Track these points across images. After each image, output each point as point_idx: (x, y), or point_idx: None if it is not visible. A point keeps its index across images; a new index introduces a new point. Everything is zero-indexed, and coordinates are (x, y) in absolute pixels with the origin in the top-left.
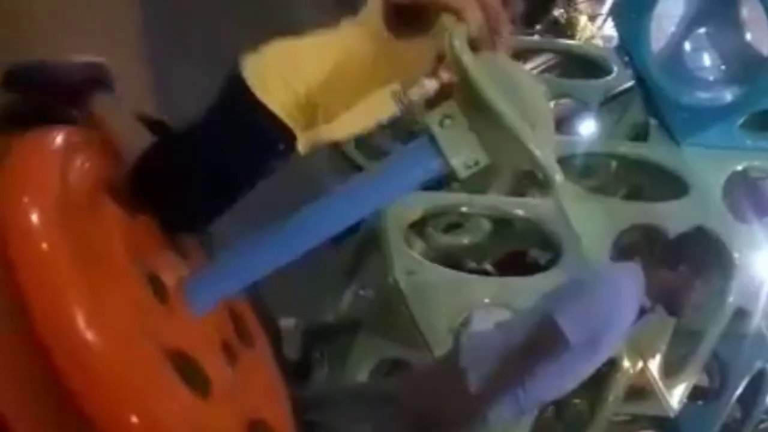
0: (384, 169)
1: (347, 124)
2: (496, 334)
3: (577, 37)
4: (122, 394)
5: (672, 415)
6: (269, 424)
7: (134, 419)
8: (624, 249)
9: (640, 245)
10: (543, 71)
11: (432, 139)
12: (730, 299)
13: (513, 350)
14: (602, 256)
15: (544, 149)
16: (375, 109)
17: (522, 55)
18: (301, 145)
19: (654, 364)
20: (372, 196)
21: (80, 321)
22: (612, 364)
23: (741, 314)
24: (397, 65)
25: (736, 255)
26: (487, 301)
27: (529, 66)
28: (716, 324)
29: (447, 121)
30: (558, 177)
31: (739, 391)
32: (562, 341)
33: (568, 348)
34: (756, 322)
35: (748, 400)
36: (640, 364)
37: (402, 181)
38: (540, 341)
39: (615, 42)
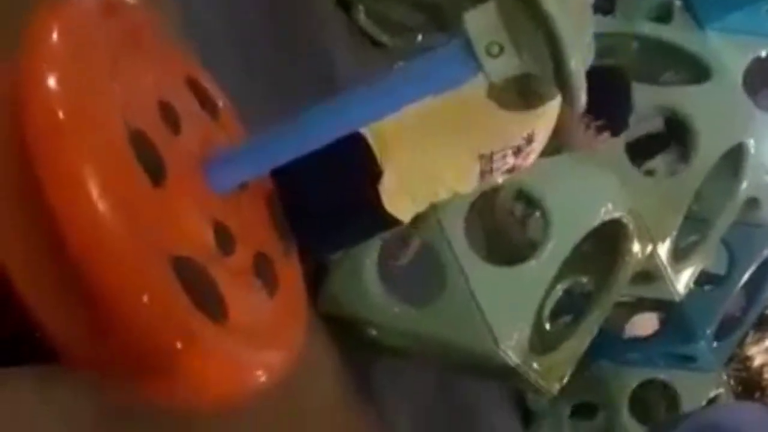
0: (415, 69)
1: (422, 188)
2: None
3: None
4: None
5: (678, 299)
6: (271, 258)
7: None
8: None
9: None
10: None
11: (467, 41)
12: (743, 188)
13: None
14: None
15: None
16: (454, 177)
17: None
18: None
19: (663, 249)
20: (401, 95)
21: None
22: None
23: (752, 203)
24: (490, 131)
25: (751, 143)
26: None
27: None
28: (727, 212)
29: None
30: (582, 101)
31: (746, 278)
32: None
33: None
34: (766, 211)
35: (753, 288)
36: (650, 248)
37: (432, 83)
38: None
39: None
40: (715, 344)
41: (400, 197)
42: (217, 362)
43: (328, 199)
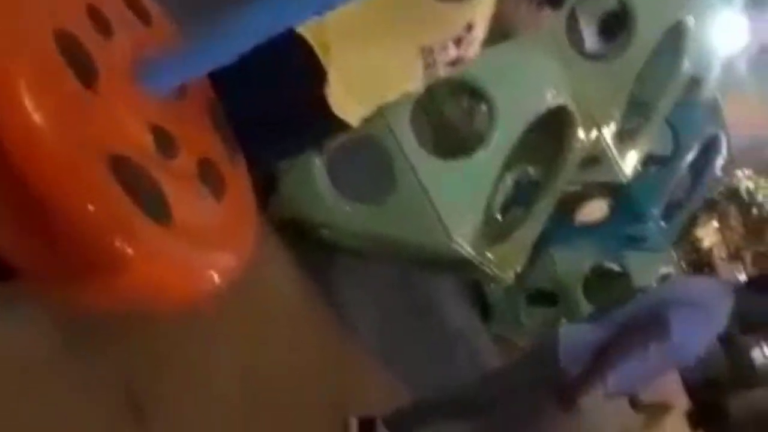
0: None
1: (369, 90)
2: (590, 330)
3: None
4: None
5: (624, 181)
6: (216, 164)
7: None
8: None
9: None
10: None
11: None
12: (684, 67)
13: (607, 344)
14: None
15: None
16: (400, 75)
17: None
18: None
19: (608, 132)
20: None
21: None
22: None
23: (694, 83)
24: (429, 23)
25: (690, 20)
26: None
27: None
28: (669, 92)
29: None
30: None
31: (691, 157)
32: (665, 338)
33: (665, 343)
34: (708, 89)
35: (696, 170)
36: (595, 132)
37: None
38: (644, 334)
39: None
40: (663, 224)
41: (347, 100)
42: (163, 264)
43: (273, 107)
